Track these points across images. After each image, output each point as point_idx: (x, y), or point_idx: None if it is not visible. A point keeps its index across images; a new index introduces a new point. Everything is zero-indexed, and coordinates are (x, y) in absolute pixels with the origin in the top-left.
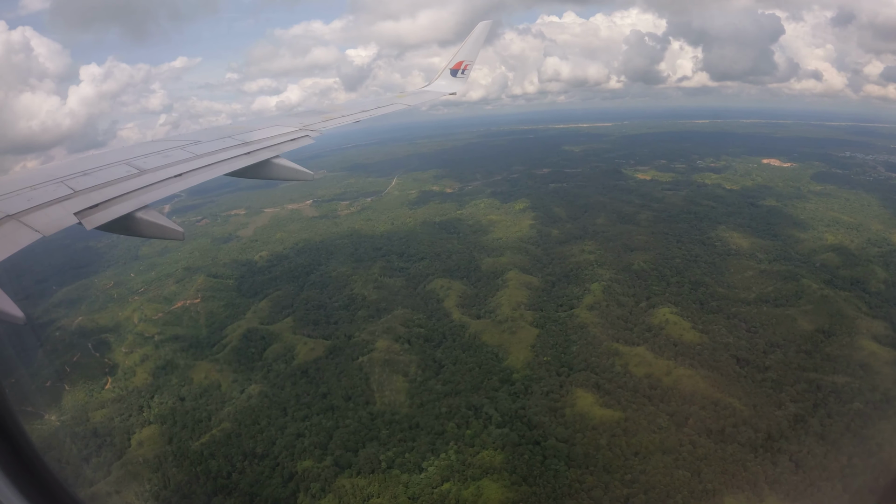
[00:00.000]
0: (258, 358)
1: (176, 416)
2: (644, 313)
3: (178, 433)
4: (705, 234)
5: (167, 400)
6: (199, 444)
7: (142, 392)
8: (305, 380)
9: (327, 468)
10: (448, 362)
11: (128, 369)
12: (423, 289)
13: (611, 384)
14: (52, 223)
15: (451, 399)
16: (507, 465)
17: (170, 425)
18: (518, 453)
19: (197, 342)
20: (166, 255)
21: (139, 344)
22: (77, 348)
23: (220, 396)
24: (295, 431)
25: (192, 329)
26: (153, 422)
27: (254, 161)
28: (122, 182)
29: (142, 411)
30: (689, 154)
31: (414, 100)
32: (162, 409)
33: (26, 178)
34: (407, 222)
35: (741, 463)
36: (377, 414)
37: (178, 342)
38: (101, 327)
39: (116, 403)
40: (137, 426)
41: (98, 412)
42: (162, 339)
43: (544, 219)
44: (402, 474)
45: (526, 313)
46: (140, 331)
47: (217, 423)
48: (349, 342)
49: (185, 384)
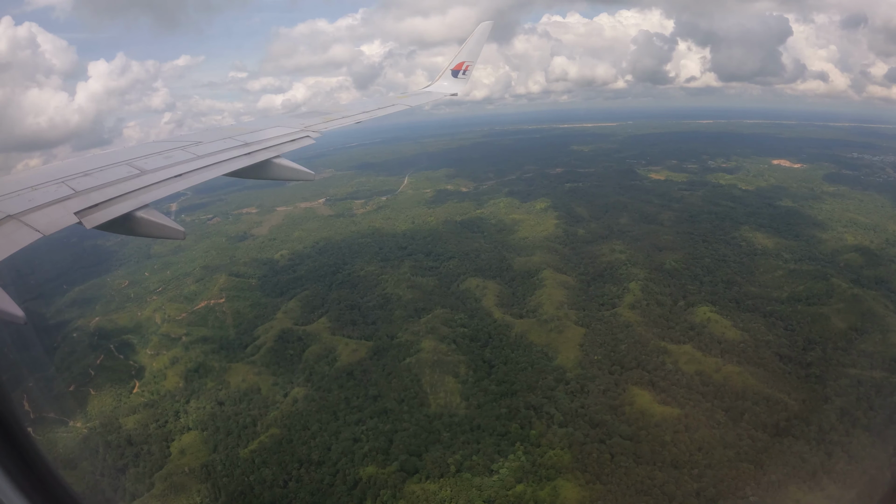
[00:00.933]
0: (297, 360)
1: (217, 422)
2: (684, 312)
3: (222, 440)
4: (729, 234)
5: (205, 405)
6: (247, 451)
7: (175, 396)
8: (353, 382)
9: (394, 474)
10: (498, 362)
11: (157, 372)
12: (457, 288)
13: (664, 381)
14: (53, 223)
15: (509, 399)
16: (576, 465)
17: (212, 432)
18: (585, 452)
19: (227, 344)
20: (180, 254)
21: (165, 346)
22: (98, 350)
23: (261, 400)
24: (350, 436)
25: (219, 330)
26: (192, 428)
27: (254, 161)
28: (123, 182)
29: (178, 417)
30: (699, 154)
31: (415, 101)
32: (200, 414)
33: (28, 178)
34: (428, 221)
35: (798, 455)
36: (434, 416)
37: (207, 344)
38: (121, 328)
39: (149, 409)
40: (176, 433)
41: (130, 418)
42: (190, 341)
43: (568, 218)
44: (474, 477)
45: (570, 312)
46: (165, 332)
47: (264, 428)
48: (392, 343)
49: (221, 388)
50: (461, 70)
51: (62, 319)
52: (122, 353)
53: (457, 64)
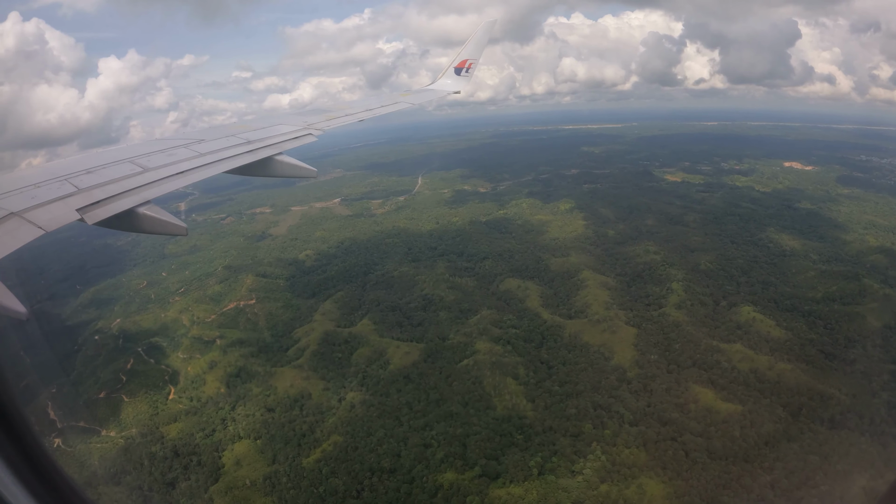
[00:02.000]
0: (346, 363)
1: (271, 430)
2: (728, 312)
3: (280, 449)
4: (755, 235)
5: (253, 411)
6: (311, 460)
7: (218, 403)
8: (411, 385)
9: (476, 479)
10: (556, 363)
11: (195, 377)
12: (497, 289)
13: (723, 379)
14: (54, 219)
15: (575, 400)
16: (654, 462)
17: (266, 440)
18: (661, 450)
19: (265, 347)
20: (196, 254)
21: (198, 349)
22: (125, 353)
23: (315, 406)
24: (420, 442)
25: (253, 332)
26: (244, 437)
27: (257, 158)
28: (125, 179)
29: (226, 425)
30: (710, 156)
31: (418, 99)
32: (250, 422)
33: (31, 175)
34: (453, 221)
35: (857, 446)
36: (502, 418)
37: (244, 347)
38: (145, 330)
39: (191, 416)
40: (226, 442)
41: (172, 427)
42: (226, 344)
43: (594, 220)
44: (558, 479)
45: (619, 313)
46: (196, 334)
47: (325, 436)
48: (444, 345)
49: (269, 393)
50: (464, 68)
51: (79, 321)
52: (152, 357)
53: (460, 62)
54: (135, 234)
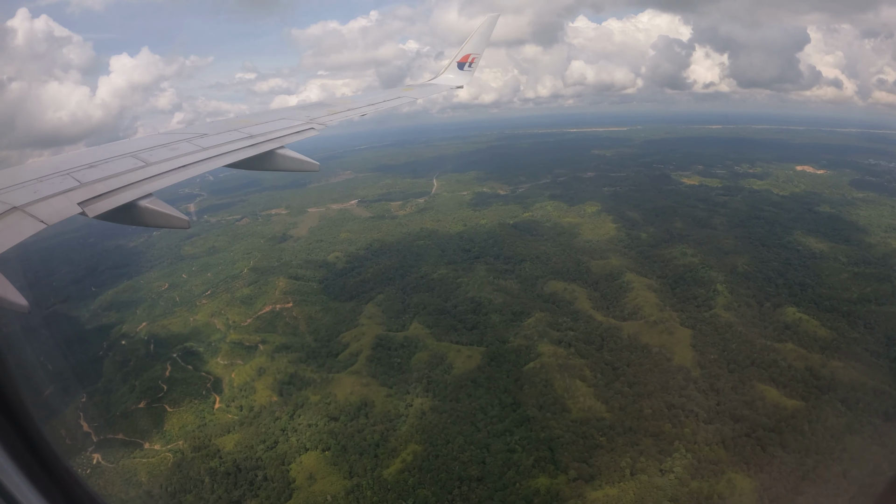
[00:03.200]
0: (405, 368)
1: (340, 440)
2: (773, 312)
3: (355, 461)
4: (783, 238)
5: (315, 420)
6: (392, 471)
7: (273, 412)
8: (481, 390)
9: (571, 483)
10: (621, 364)
11: (243, 385)
12: (543, 291)
13: (782, 377)
14: (56, 213)
15: (647, 400)
16: (736, 458)
17: (337, 452)
18: (739, 445)
19: (312, 352)
20: (216, 255)
21: (239, 355)
22: (159, 359)
23: (382, 414)
24: (504, 447)
25: (294, 337)
26: (310, 448)
27: (259, 152)
28: (128, 173)
29: (287, 436)
30: (722, 160)
31: (420, 93)
32: (315, 432)
33: (34, 170)
34: (481, 223)
35: None
36: (580, 421)
37: (290, 352)
38: (176, 335)
39: (247, 427)
40: (292, 455)
41: (226, 439)
42: (271, 349)
43: (623, 222)
44: (650, 478)
45: (672, 314)
46: (236, 339)
47: (401, 445)
48: (504, 348)
49: (329, 401)
50: (467, 62)
51: (99, 325)
52: (189, 363)
53: (463, 56)
54: (147, 235)
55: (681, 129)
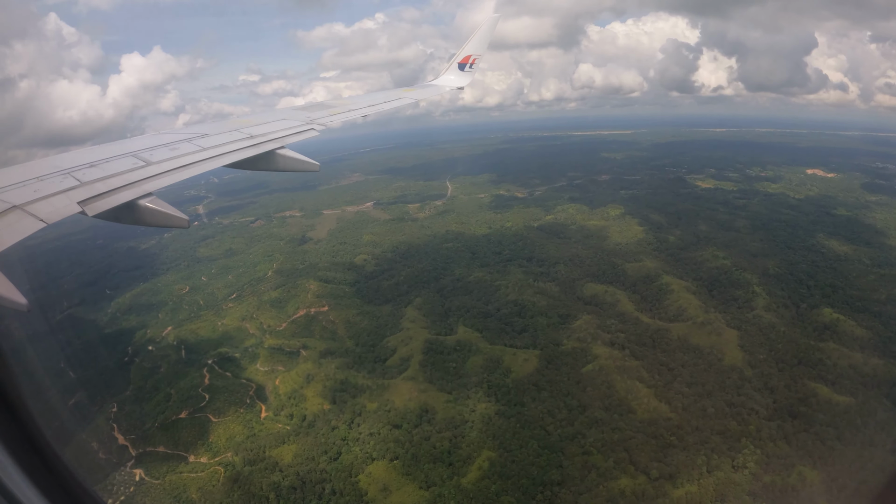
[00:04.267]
0: (460, 372)
1: (408, 449)
2: (810, 313)
3: (429, 469)
4: (806, 241)
5: (378, 429)
6: (470, 480)
7: (329, 420)
8: (545, 393)
9: (654, 482)
10: (676, 365)
11: (292, 393)
12: (583, 293)
13: (829, 375)
14: (56, 212)
15: (708, 400)
16: (800, 452)
17: (407, 460)
18: (800, 441)
19: (358, 357)
20: (234, 257)
21: (281, 361)
22: (193, 366)
23: (446, 420)
24: (579, 450)
25: (333, 341)
26: (377, 458)
27: (259, 152)
28: (128, 173)
29: (349, 445)
30: (733, 163)
31: (421, 94)
32: (379, 440)
33: (34, 169)
34: (507, 226)
35: None
36: (647, 421)
37: (335, 357)
38: (206, 340)
39: (302, 437)
40: (358, 465)
41: (281, 450)
42: (314, 355)
43: (649, 225)
44: (727, 474)
45: (717, 316)
46: (274, 344)
47: (474, 451)
48: (559, 350)
49: (388, 408)
50: (468, 63)
51: (120, 328)
52: (227, 370)
53: (463, 57)
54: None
55: (686, 133)
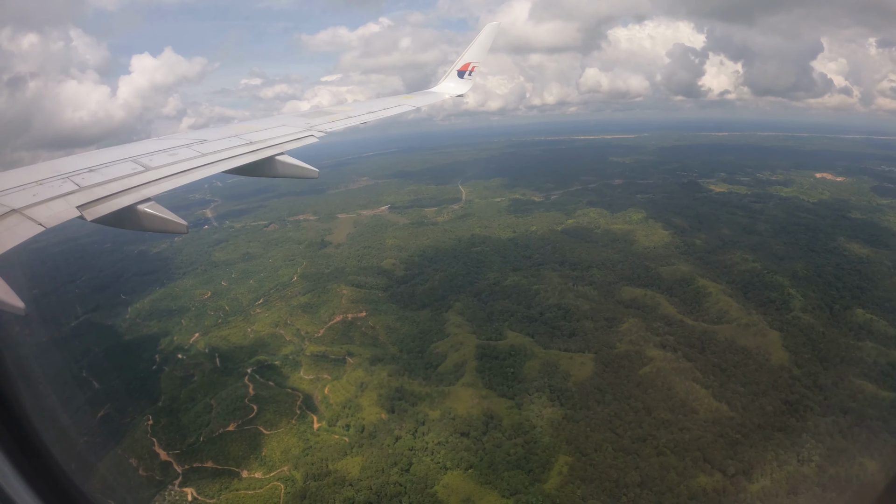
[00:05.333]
0: (518, 377)
1: (483, 457)
2: (844, 314)
3: (507, 477)
4: (828, 244)
5: (445, 438)
6: (552, 486)
7: (391, 430)
8: (608, 396)
9: (730, 479)
10: (728, 366)
11: (346, 402)
12: (622, 297)
13: (872, 372)
14: (54, 216)
15: (764, 398)
16: (856, 445)
17: (483, 469)
18: (854, 434)
19: (408, 365)
20: (252, 261)
21: (325, 368)
22: (230, 375)
23: (514, 426)
24: (653, 451)
25: (375, 348)
26: (451, 468)
27: (259, 158)
28: (127, 178)
29: (418, 456)
30: (742, 167)
31: (421, 101)
32: (450, 450)
33: (34, 173)
34: (531, 230)
35: None
36: (711, 420)
37: (383, 364)
38: (239, 347)
39: (366, 448)
40: (433, 476)
41: (345, 463)
42: (363, 362)
43: (673, 229)
44: (796, 468)
45: (758, 317)
46: (317, 351)
47: (550, 456)
48: (613, 353)
49: (451, 416)
50: (467, 71)
51: (141, 335)
52: (270, 379)
53: (463, 64)
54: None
55: (689, 137)
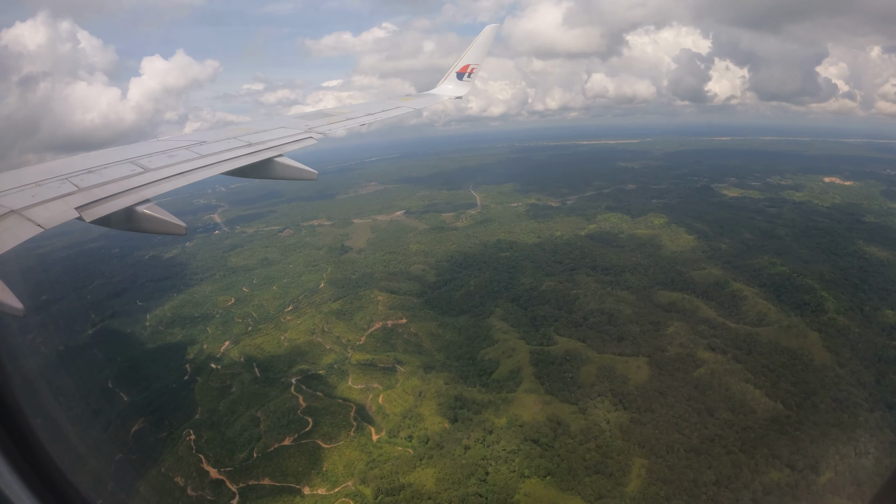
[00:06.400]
0: (577, 382)
1: (559, 463)
2: (875, 315)
3: (590, 483)
4: (848, 248)
5: (516, 445)
6: (634, 489)
7: (458, 439)
8: (670, 398)
9: (799, 473)
10: (776, 367)
11: (406, 412)
12: (659, 301)
13: None
14: (53, 217)
15: (815, 397)
16: None
17: (562, 476)
18: None
19: (461, 372)
20: (271, 267)
21: (374, 377)
22: (272, 385)
23: (582, 430)
24: (722, 450)
25: (420, 355)
26: (528, 475)
27: (258, 160)
28: (126, 179)
29: (493, 465)
30: (751, 172)
31: (420, 103)
32: (524, 457)
33: (33, 174)
34: (555, 234)
35: None
36: (770, 419)
37: (437, 372)
38: (276, 356)
39: (436, 459)
40: (512, 485)
41: (418, 475)
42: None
43: (697, 233)
44: (856, 461)
45: (797, 320)
46: (363, 360)
47: (626, 459)
48: (665, 356)
49: (518, 423)
50: (466, 72)
51: (164, 343)
52: (316, 390)
53: (462, 66)
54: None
55: (693, 142)
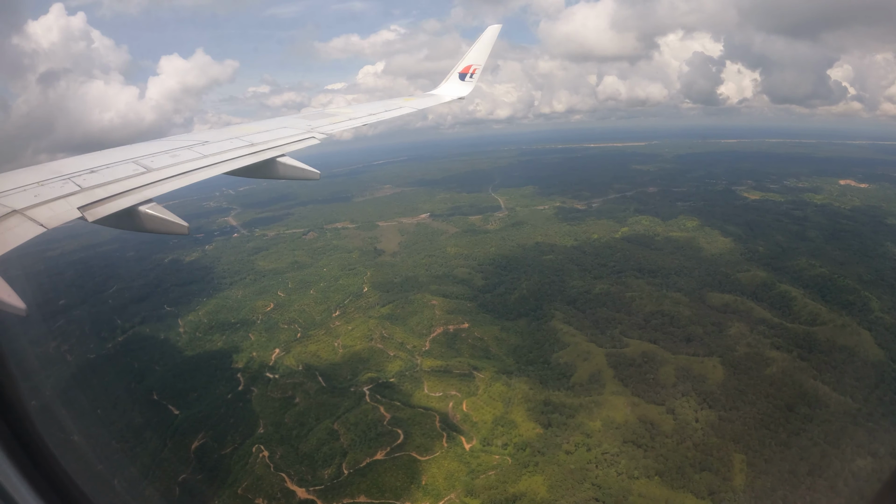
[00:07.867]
0: (658, 383)
1: (665, 464)
2: None
3: (695, 479)
4: (877, 249)
5: (616, 448)
6: (741, 482)
7: (558, 444)
8: (752, 396)
9: (881, 459)
10: (837, 363)
11: (498, 419)
12: (712, 302)
13: None
14: (55, 217)
15: (878, 391)
16: None
17: (670, 475)
18: None
19: (541, 377)
20: (303, 270)
21: (452, 384)
22: (342, 396)
23: (674, 431)
24: (809, 442)
25: (488, 360)
26: (637, 476)
27: (260, 159)
28: (128, 179)
29: (600, 468)
30: (767, 174)
31: (422, 103)
32: (628, 458)
33: (35, 174)
34: (593, 237)
35: None
36: (842, 413)
37: (513, 377)
38: (335, 364)
39: (542, 466)
40: (625, 488)
41: (525, 484)
42: (496, 377)
43: (731, 236)
44: None
45: (849, 319)
46: (437, 366)
47: (725, 456)
48: (735, 356)
49: (613, 426)
50: (468, 73)
51: (206, 352)
52: (394, 399)
53: (464, 67)
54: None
55: (701, 145)
